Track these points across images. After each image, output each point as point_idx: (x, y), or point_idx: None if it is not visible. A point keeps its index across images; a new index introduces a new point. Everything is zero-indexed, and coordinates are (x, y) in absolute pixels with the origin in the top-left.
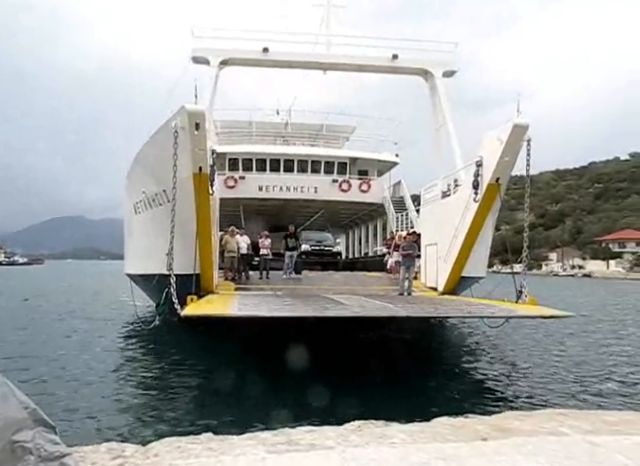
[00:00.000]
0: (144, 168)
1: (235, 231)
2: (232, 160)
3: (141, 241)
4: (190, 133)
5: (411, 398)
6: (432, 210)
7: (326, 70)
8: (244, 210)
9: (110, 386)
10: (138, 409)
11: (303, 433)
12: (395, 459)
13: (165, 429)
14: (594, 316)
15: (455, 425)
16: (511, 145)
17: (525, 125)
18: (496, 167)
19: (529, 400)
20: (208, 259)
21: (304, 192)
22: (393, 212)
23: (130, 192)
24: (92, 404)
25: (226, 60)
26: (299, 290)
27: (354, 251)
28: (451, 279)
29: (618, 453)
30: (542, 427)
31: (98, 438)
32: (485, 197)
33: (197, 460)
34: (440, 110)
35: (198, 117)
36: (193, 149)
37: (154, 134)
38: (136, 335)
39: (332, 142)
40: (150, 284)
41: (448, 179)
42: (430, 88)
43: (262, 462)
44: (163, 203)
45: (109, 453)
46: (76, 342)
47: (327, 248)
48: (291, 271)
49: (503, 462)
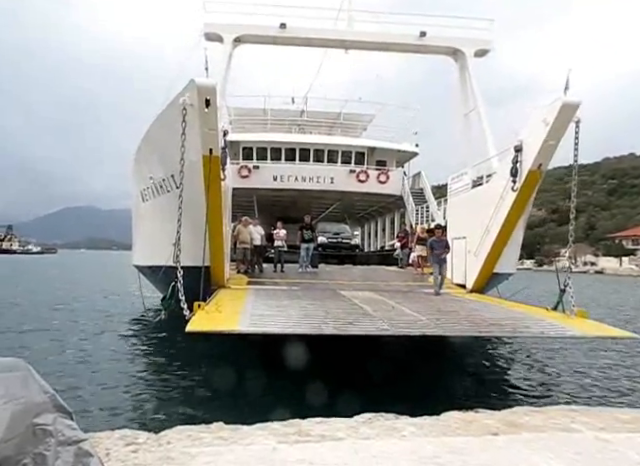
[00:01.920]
0: (151, 151)
1: (248, 221)
2: (246, 149)
3: (148, 231)
4: (200, 110)
5: (421, 393)
6: (461, 201)
7: (348, 49)
8: (258, 201)
9: (120, 376)
10: (150, 398)
11: (314, 424)
12: (405, 452)
13: (177, 418)
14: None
15: (465, 419)
16: (558, 127)
17: (575, 104)
18: (539, 152)
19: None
20: (219, 250)
21: (320, 183)
22: (413, 204)
23: (137, 178)
24: (104, 393)
25: (240, 37)
26: (316, 285)
27: (370, 244)
28: (482, 276)
29: (631, 450)
30: (553, 423)
31: (112, 425)
32: (525, 186)
33: (208, 448)
34: (471, 93)
35: (209, 92)
36: (203, 129)
37: (161, 113)
38: (144, 327)
39: (350, 131)
40: (157, 276)
41: (479, 167)
42: (460, 69)
43: (273, 452)
44: (171, 189)
45: (122, 439)
46: (86, 333)
47: (345, 241)
48: (307, 264)
49: (513, 457)
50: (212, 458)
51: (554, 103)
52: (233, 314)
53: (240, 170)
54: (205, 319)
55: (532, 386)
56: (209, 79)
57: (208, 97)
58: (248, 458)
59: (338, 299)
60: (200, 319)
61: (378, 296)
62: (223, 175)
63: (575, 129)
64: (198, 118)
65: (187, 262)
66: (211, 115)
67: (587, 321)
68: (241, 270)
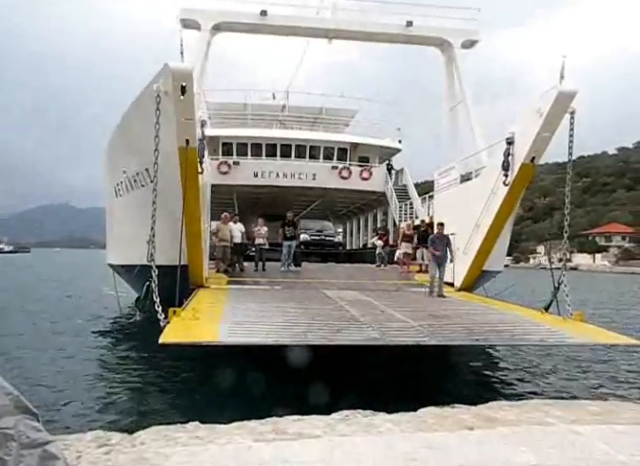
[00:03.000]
0: (124, 143)
1: (228, 218)
2: (226, 144)
3: (122, 228)
4: (175, 98)
5: (399, 388)
6: (448, 196)
7: (331, 38)
8: (238, 198)
9: (94, 377)
10: (125, 399)
11: (290, 422)
12: (381, 448)
13: (153, 418)
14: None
15: (442, 415)
16: (553, 118)
17: (572, 93)
18: (532, 144)
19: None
20: (197, 248)
21: (302, 179)
22: (396, 201)
23: (110, 172)
24: (77, 395)
25: (219, 24)
26: (299, 284)
27: (352, 242)
28: (471, 273)
29: (600, 441)
30: (527, 417)
31: (85, 427)
32: (517, 180)
33: (184, 448)
34: (458, 85)
35: (185, 78)
36: (178, 118)
37: (134, 101)
38: (118, 328)
39: (332, 126)
40: (132, 276)
41: (467, 162)
42: (446, 60)
43: (248, 451)
44: (146, 184)
45: (95, 441)
46: (58, 335)
47: (328, 238)
48: (289, 263)
49: (488, 451)
50: (187, 458)
51: (549, 92)
52: (211, 321)
53: (220, 166)
54: (180, 328)
55: (512, 380)
56: (185, 64)
57: (184, 83)
58: (223, 457)
59: (323, 301)
60: (175, 328)
61: (365, 297)
62: (200, 168)
63: (570, 120)
64: (173, 106)
65: (163, 261)
66: (187, 103)
67: (585, 325)
68: (221, 269)
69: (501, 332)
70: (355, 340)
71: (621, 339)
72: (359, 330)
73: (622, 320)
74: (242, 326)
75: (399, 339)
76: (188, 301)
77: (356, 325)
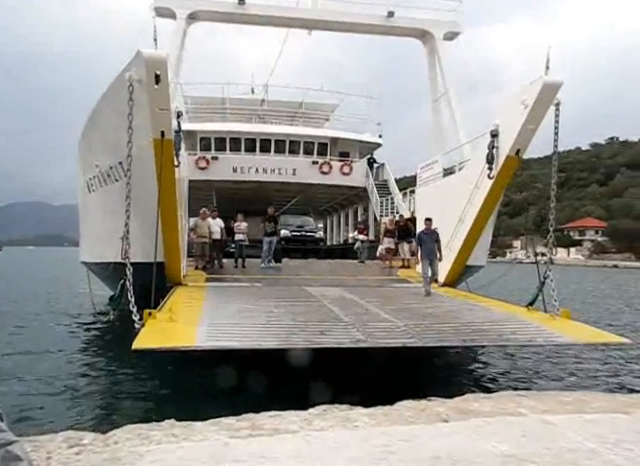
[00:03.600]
0: (96, 135)
1: (207, 213)
2: (204, 139)
3: (95, 224)
4: (149, 87)
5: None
6: (431, 190)
7: (311, 29)
8: (217, 194)
9: (67, 377)
10: (99, 399)
11: (267, 418)
12: (357, 442)
13: (128, 418)
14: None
15: (417, 408)
16: (538, 109)
17: (557, 83)
18: (517, 137)
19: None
20: (174, 244)
21: (282, 174)
22: (377, 196)
23: (82, 166)
24: (50, 395)
25: (194, 13)
26: (280, 281)
27: (333, 238)
28: (455, 268)
29: (570, 430)
30: (501, 408)
31: (57, 428)
32: (501, 173)
33: (158, 446)
34: (441, 77)
35: (159, 66)
36: (153, 108)
37: (106, 91)
38: (92, 327)
39: (312, 121)
40: (106, 274)
41: (450, 155)
42: (429, 52)
43: (224, 447)
44: (120, 178)
45: (66, 442)
46: (28, 334)
47: (309, 234)
48: (270, 259)
49: (462, 442)
50: (161, 456)
51: (534, 83)
52: (188, 323)
53: (198, 161)
54: (155, 331)
55: (490, 373)
56: (159, 51)
57: (158, 72)
58: (199, 454)
59: (306, 300)
60: (149, 332)
61: (348, 294)
62: (177, 161)
63: (555, 112)
64: (147, 96)
65: (138, 258)
66: (162, 93)
67: (572, 322)
68: (199, 266)
69: (489, 332)
70: (340, 342)
71: (612, 338)
72: (344, 331)
73: (599, 313)
74: (221, 328)
75: (385, 341)
76: (164, 301)
77: (340, 326)
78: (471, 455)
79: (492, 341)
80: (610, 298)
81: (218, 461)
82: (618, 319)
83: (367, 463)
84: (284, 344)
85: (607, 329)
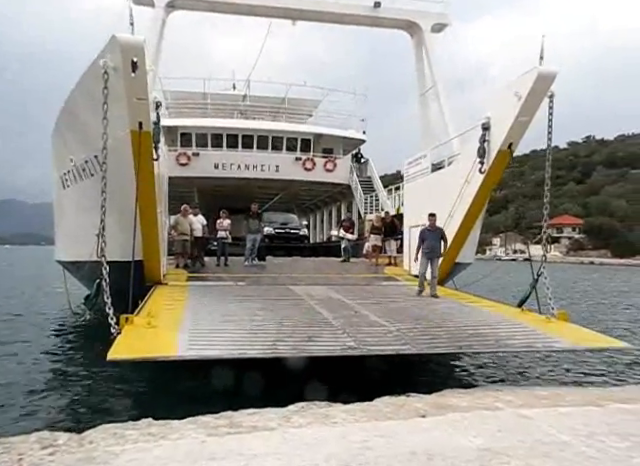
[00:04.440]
0: (70, 128)
1: (188, 210)
2: (184, 135)
3: (70, 221)
4: (125, 75)
5: None
6: (419, 186)
7: (296, 19)
8: (198, 191)
9: (43, 378)
10: (75, 400)
11: (245, 415)
12: (335, 438)
13: (105, 418)
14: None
15: (396, 404)
16: (532, 101)
17: (552, 74)
18: (510, 130)
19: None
20: (153, 242)
21: (264, 171)
22: (361, 193)
23: (56, 161)
24: (24, 396)
25: (173, 1)
26: (264, 279)
27: (316, 236)
28: (443, 266)
29: (545, 423)
30: (478, 403)
31: (30, 429)
32: (493, 167)
33: (134, 446)
34: (429, 70)
35: (136, 52)
36: (130, 98)
37: (78, 80)
38: (68, 327)
39: (295, 117)
40: (82, 273)
41: (439, 150)
42: (416, 44)
43: (202, 445)
44: (95, 173)
45: (39, 443)
46: (2, 333)
47: (293, 231)
48: (254, 257)
49: (439, 437)
50: (137, 455)
51: (528, 74)
52: (169, 328)
53: (178, 157)
54: (133, 338)
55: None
56: (136, 36)
57: (135, 58)
58: (176, 453)
59: (292, 301)
60: (126, 340)
61: (335, 294)
62: (156, 154)
63: (549, 104)
64: (124, 85)
65: (115, 256)
66: (139, 81)
67: (569, 325)
68: (180, 264)
69: (485, 337)
70: (329, 350)
71: (612, 342)
72: (333, 337)
73: (589, 311)
74: (204, 335)
75: (378, 348)
76: (143, 303)
77: (329, 331)
78: (447, 449)
79: (489, 347)
80: (593, 294)
81: (195, 459)
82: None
83: (345, 459)
84: (270, 353)
85: (601, 328)
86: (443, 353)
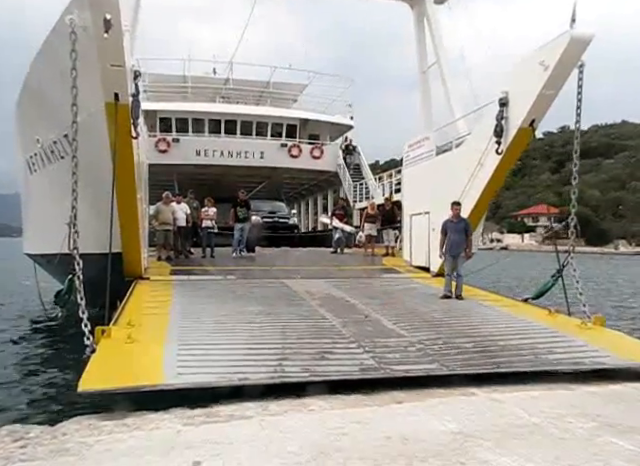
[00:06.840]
0: (34, 103)
1: (171, 197)
2: (164, 120)
3: (39, 210)
4: (97, 35)
5: None
6: (422, 170)
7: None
8: (178, 179)
9: (14, 372)
10: (48, 394)
11: (222, 406)
12: (312, 425)
13: (80, 409)
14: None
15: (373, 391)
16: (561, 71)
17: (587, 37)
18: (533, 104)
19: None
20: (133, 233)
21: (248, 158)
22: (350, 180)
23: (21, 143)
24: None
25: None
26: (255, 272)
27: (301, 225)
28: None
29: (516, 406)
30: (455, 389)
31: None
32: (512, 147)
33: (109, 436)
34: (432, 44)
35: (109, 7)
36: (103, 63)
37: (42, 45)
38: (39, 322)
39: (280, 101)
40: (53, 266)
41: (442, 131)
42: (417, 17)
43: (177, 434)
44: (66, 155)
45: (10, 436)
46: None
47: (282, 220)
48: (242, 248)
49: (414, 422)
50: (111, 446)
51: (558, 39)
52: (153, 341)
53: (158, 143)
54: (110, 359)
55: None
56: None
57: (108, 16)
58: (151, 443)
59: (292, 302)
60: (102, 362)
61: (336, 290)
62: (135, 132)
63: (579, 75)
64: (96, 48)
65: (89, 248)
66: (114, 43)
67: (609, 332)
68: (162, 256)
69: (520, 350)
70: (346, 372)
71: None
72: (348, 353)
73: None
74: (194, 352)
75: (403, 367)
76: (122, 304)
77: (342, 344)
78: (421, 434)
79: (531, 366)
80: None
81: (171, 448)
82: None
83: (321, 445)
84: (277, 377)
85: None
86: (480, 373)
